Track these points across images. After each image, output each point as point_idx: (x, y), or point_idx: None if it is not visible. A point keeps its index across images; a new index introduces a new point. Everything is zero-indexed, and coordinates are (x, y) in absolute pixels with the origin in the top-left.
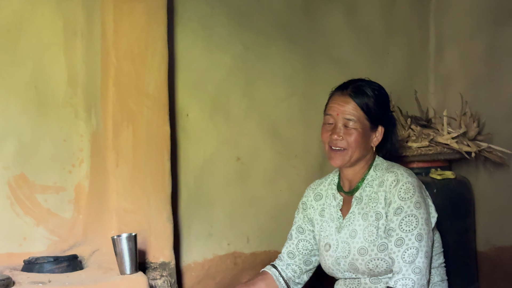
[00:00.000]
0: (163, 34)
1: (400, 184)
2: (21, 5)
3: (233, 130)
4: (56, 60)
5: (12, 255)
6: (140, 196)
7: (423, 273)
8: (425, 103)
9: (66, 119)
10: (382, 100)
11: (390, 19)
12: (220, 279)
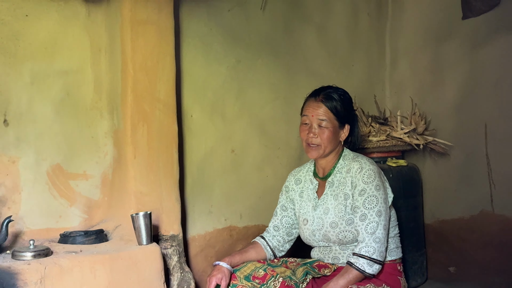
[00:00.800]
0: (171, 50)
1: (364, 170)
2: (55, 28)
3: (228, 127)
4: (84, 72)
5: (50, 230)
6: (153, 181)
7: (382, 242)
8: (382, 105)
9: (93, 119)
10: (347, 103)
11: (353, 37)
12: (219, 248)
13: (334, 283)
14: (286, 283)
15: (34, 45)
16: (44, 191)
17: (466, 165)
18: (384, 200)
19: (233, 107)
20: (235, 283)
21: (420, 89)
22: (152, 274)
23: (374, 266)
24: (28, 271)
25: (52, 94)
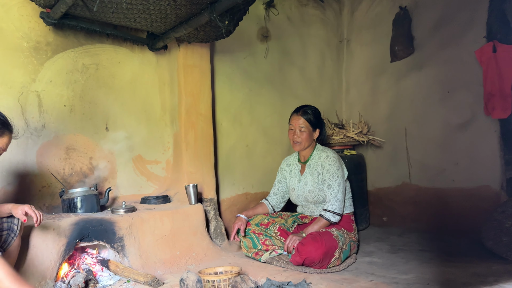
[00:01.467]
0: (208, 83)
1: (329, 157)
2: (137, 70)
3: (244, 131)
4: (155, 97)
5: (134, 196)
6: (198, 165)
7: (341, 201)
8: (340, 116)
9: (161, 126)
10: (317, 115)
11: (322, 74)
12: (239, 206)
13: (311, 227)
14: (281, 227)
15: (123, 81)
16: (131, 171)
17: (393, 154)
18: (342, 176)
19: (247, 118)
20: (249, 227)
21: (364, 106)
22: (198, 222)
23: (336, 217)
24: (121, 221)
25: (135, 111)
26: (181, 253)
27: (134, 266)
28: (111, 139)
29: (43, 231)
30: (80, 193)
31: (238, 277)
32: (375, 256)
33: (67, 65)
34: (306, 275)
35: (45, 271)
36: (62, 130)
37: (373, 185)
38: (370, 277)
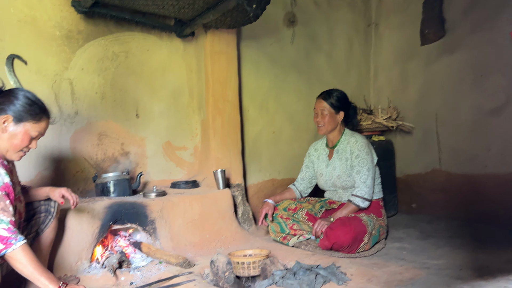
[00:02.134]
0: (235, 70)
1: (358, 142)
2: (165, 58)
3: (270, 118)
4: (183, 84)
5: (164, 181)
6: (225, 151)
7: (370, 187)
8: (368, 102)
9: (189, 113)
10: (340, 98)
11: (349, 59)
12: (266, 192)
13: (340, 212)
14: (309, 212)
15: (152, 68)
16: (161, 157)
17: (423, 139)
18: (371, 161)
19: (273, 105)
20: (277, 212)
21: (393, 92)
22: (226, 207)
23: (365, 202)
24: (153, 204)
25: (164, 98)
26: (210, 237)
27: (165, 248)
28: (141, 126)
29: (78, 214)
30: (112, 177)
31: (267, 260)
32: (404, 242)
33: (97, 53)
34: (335, 259)
35: (80, 252)
36: (94, 116)
37: (402, 172)
38: (400, 262)
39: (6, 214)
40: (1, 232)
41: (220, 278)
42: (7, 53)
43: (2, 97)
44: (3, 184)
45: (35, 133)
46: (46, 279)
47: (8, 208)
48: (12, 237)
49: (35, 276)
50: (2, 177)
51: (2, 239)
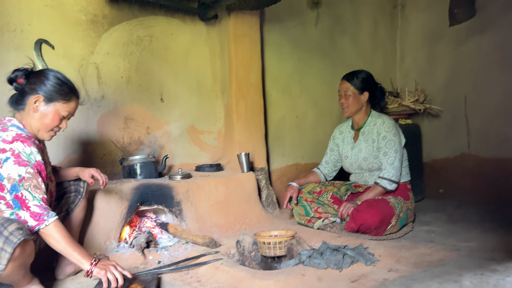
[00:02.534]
0: (258, 53)
1: (385, 124)
2: (189, 42)
3: (294, 102)
4: (206, 68)
5: (189, 164)
6: (249, 135)
7: (398, 169)
8: (395, 84)
9: (212, 98)
10: (363, 78)
11: (375, 42)
12: (289, 177)
13: (366, 195)
14: (334, 195)
15: (176, 53)
16: (185, 141)
17: (451, 123)
18: (399, 143)
19: (296, 89)
20: (301, 195)
21: (420, 74)
22: (250, 190)
23: (393, 184)
24: (179, 186)
25: (188, 82)
26: (235, 219)
27: (191, 229)
28: (165, 110)
29: (106, 194)
30: (139, 160)
31: (293, 240)
32: (432, 225)
33: (122, 38)
34: (362, 240)
35: (109, 232)
36: (120, 100)
37: (429, 156)
38: (429, 244)
39: (39, 192)
40: (34, 209)
41: (246, 258)
42: (35, 37)
43: (33, 78)
44: (35, 162)
45: (65, 113)
46: (78, 254)
47: (41, 186)
48: (44, 214)
49: (68, 251)
50: (35, 155)
51: (35, 216)
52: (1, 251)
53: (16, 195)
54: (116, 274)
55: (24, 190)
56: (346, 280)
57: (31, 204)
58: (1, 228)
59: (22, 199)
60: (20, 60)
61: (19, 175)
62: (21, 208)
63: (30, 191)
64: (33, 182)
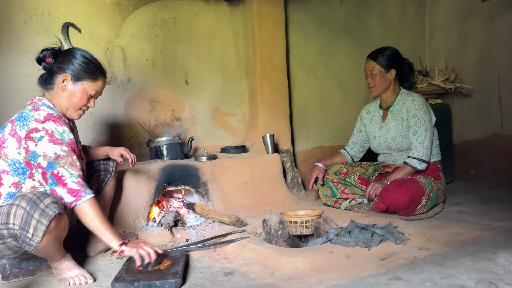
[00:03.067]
0: (283, 33)
1: (415, 101)
2: (212, 23)
3: (319, 83)
4: (230, 49)
5: (214, 146)
6: (273, 116)
7: (428, 148)
8: (424, 63)
9: (236, 79)
10: (389, 55)
11: (402, 20)
12: (314, 159)
13: (395, 174)
14: (361, 176)
15: (200, 34)
16: (210, 123)
17: (483, 102)
18: (429, 121)
19: (321, 70)
20: (327, 176)
21: (450, 53)
22: (275, 171)
23: (423, 164)
24: (205, 167)
25: (212, 64)
26: (260, 200)
27: (218, 209)
28: (190, 92)
29: (135, 175)
30: (165, 141)
31: (320, 219)
32: (464, 206)
33: (147, 20)
34: (391, 220)
35: (138, 211)
36: (146, 83)
37: (459, 137)
38: (461, 223)
39: (75, 169)
40: (71, 185)
41: (272, 237)
42: (62, 21)
43: (60, 57)
44: (69, 140)
45: (93, 92)
46: (110, 234)
47: (76, 163)
48: (81, 190)
49: (101, 230)
50: (67, 134)
51: (72, 192)
52: (38, 223)
53: (52, 172)
54: (148, 249)
55: (61, 168)
56: (375, 258)
57: (68, 181)
58: (37, 201)
59: (59, 176)
60: (48, 43)
61: (55, 153)
62: (57, 184)
63: (66, 168)
64: (68, 159)
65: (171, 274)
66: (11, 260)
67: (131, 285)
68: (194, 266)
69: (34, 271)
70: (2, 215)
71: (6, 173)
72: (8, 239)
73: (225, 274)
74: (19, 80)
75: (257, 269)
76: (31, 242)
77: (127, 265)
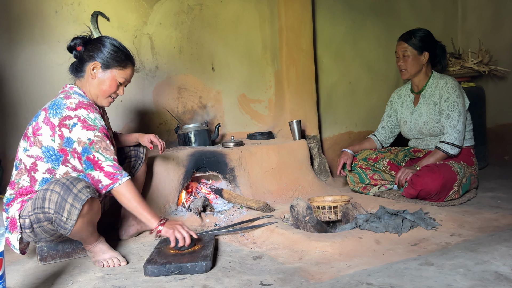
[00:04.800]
0: (309, 16)
1: (448, 85)
2: (238, 8)
3: (347, 67)
4: (256, 35)
5: (241, 133)
6: (300, 102)
7: (461, 133)
8: (457, 45)
9: (262, 65)
10: (422, 37)
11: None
12: (342, 145)
13: (426, 160)
14: (391, 162)
15: (226, 20)
16: (236, 110)
17: None
18: (463, 105)
19: (349, 53)
20: (356, 162)
21: (484, 34)
22: (302, 157)
23: (455, 149)
24: (232, 153)
25: (238, 50)
26: (287, 186)
27: (245, 195)
28: (217, 79)
29: (164, 161)
30: (193, 128)
31: (349, 205)
32: (498, 191)
33: (173, 7)
34: (422, 206)
35: (167, 196)
36: (173, 70)
37: (493, 121)
38: (495, 209)
39: (109, 153)
40: (108, 169)
41: (300, 222)
42: (91, 10)
43: (90, 45)
44: (101, 126)
45: (122, 79)
46: (148, 214)
47: (110, 147)
48: (117, 173)
49: (139, 210)
50: (99, 120)
51: (109, 175)
52: (71, 207)
53: (88, 157)
54: (184, 233)
55: (96, 152)
56: (405, 243)
57: (104, 165)
58: (70, 186)
59: (95, 160)
60: (78, 32)
61: (89, 139)
62: (94, 168)
63: (101, 153)
64: (102, 144)
65: (202, 257)
66: (48, 243)
67: (162, 267)
68: (223, 250)
69: (70, 253)
70: (38, 200)
71: (41, 160)
72: (44, 223)
73: (253, 258)
74: (52, 69)
75: (285, 254)
76: (66, 225)
77: (159, 247)
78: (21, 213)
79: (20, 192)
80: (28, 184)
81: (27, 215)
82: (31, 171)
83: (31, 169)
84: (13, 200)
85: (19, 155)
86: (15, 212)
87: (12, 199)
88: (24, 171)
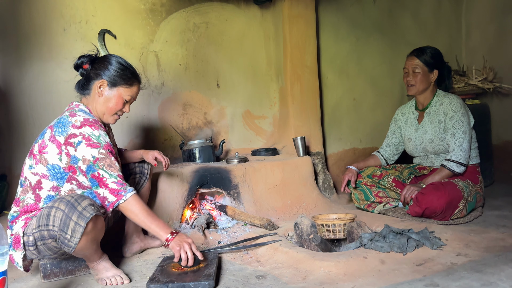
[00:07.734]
0: (314, 33)
1: (453, 103)
2: (243, 26)
3: (351, 83)
4: (260, 52)
5: (245, 149)
6: (304, 118)
7: (466, 151)
8: (461, 62)
9: (267, 82)
10: (434, 55)
11: (438, 17)
12: (346, 161)
13: (432, 177)
14: (396, 179)
15: (231, 37)
16: (240, 126)
17: None
18: (468, 123)
19: (354, 70)
20: (360, 179)
21: (489, 51)
22: (307, 174)
23: (461, 167)
24: (236, 169)
25: (243, 67)
26: (292, 202)
27: (249, 212)
28: (221, 95)
29: (168, 177)
30: (198, 144)
31: (353, 223)
32: (504, 210)
33: (180, 25)
34: (427, 224)
35: (171, 213)
36: (179, 87)
37: (499, 138)
38: (501, 228)
39: (113, 170)
40: (112, 186)
41: (304, 240)
42: (98, 28)
43: (97, 63)
44: (105, 143)
45: (128, 97)
46: (156, 226)
47: (114, 164)
48: (121, 189)
49: (146, 224)
50: (103, 137)
51: (113, 192)
52: (76, 225)
53: (93, 175)
54: (189, 254)
55: (100, 170)
56: (410, 263)
57: (109, 182)
58: (75, 203)
59: (100, 178)
60: (86, 50)
61: (93, 156)
62: (99, 186)
63: (105, 170)
64: (106, 161)
65: (205, 276)
66: (52, 260)
67: (165, 286)
68: (226, 269)
69: (73, 271)
70: (42, 217)
71: (46, 177)
72: (48, 240)
73: (257, 277)
74: (59, 85)
75: (289, 273)
76: (70, 243)
77: (162, 265)
78: (25, 231)
79: (24, 209)
80: (33, 202)
81: (31, 233)
82: (35, 189)
83: (36, 186)
84: (18, 217)
85: (24, 173)
86: (19, 229)
87: (16, 216)
88: (29, 189)
